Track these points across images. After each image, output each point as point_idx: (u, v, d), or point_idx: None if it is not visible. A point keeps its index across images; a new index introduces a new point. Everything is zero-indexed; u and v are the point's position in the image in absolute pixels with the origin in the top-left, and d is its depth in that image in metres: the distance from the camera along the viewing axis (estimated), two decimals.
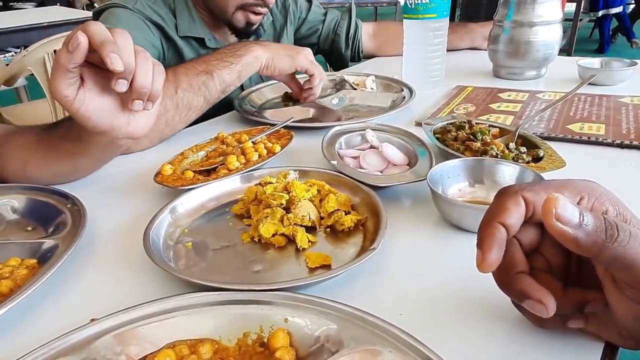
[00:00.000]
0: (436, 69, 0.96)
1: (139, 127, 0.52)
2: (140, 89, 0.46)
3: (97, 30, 0.44)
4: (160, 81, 0.49)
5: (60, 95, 0.45)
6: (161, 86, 0.49)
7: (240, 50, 0.79)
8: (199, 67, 0.76)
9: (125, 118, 0.50)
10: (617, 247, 0.25)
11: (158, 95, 0.49)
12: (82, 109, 0.47)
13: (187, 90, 0.74)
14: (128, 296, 0.41)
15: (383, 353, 0.31)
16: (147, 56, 0.47)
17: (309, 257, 0.45)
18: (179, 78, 0.74)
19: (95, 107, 0.47)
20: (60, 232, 0.49)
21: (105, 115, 0.48)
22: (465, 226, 0.49)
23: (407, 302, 0.40)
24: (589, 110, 0.78)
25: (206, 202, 0.56)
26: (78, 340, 0.34)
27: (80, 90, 0.46)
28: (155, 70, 0.48)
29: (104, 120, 0.48)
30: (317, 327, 0.35)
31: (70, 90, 0.46)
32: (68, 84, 0.45)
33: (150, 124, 0.53)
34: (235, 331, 0.36)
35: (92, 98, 0.47)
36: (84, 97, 0.46)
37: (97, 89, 0.47)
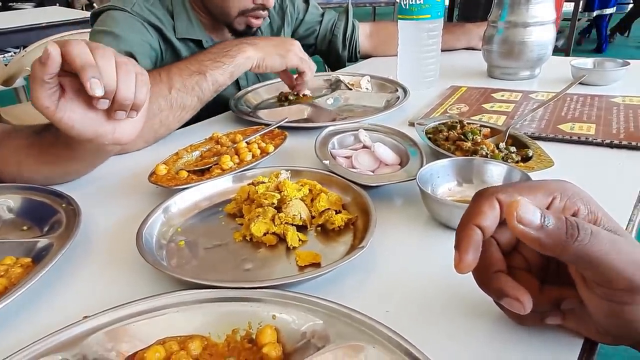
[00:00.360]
0: (430, 69, 0.96)
1: (125, 133, 0.52)
2: (123, 101, 0.47)
3: (78, 52, 0.44)
4: (144, 91, 0.49)
5: (41, 106, 0.46)
6: (145, 96, 0.50)
7: (233, 50, 0.80)
8: (192, 67, 0.77)
9: (110, 125, 0.50)
10: (577, 246, 0.26)
11: (141, 104, 0.50)
12: (65, 119, 0.47)
13: (181, 90, 0.75)
14: (121, 294, 0.42)
15: (366, 349, 0.32)
16: (128, 69, 0.48)
17: (299, 255, 0.46)
18: (172, 78, 0.75)
19: (78, 116, 0.48)
20: (55, 231, 0.49)
21: (89, 123, 0.49)
22: (454, 225, 0.49)
23: (394, 299, 0.41)
24: (580, 110, 0.79)
25: (199, 202, 0.57)
26: (70, 336, 0.35)
27: (61, 100, 0.47)
28: (139, 80, 0.49)
29: (88, 129, 0.49)
30: (303, 323, 0.36)
31: (51, 101, 0.46)
32: (47, 95, 0.45)
33: (137, 130, 0.54)
34: (225, 328, 0.37)
35: (74, 107, 0.47)
36: (65, 106, 0.47)
37: (78, 99, 0.48)
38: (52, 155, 0.59)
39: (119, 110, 0.48)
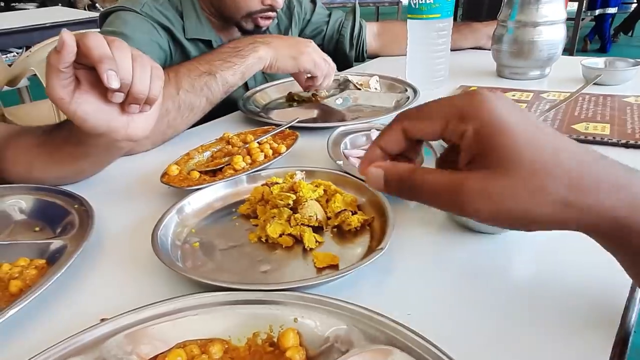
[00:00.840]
0: (440, 69, 0.96)
1: (137, 128, 0.52)
2: (137, 95, 0.47)
3: (96, 44, 0.44)
4: (158, 85, 0.49)
5: (56, 97, 0.45)
6: (159, 90, 0.49)
7: (244, 50, 0.79)
8: (201, 67, 0.76)
9: (123, 120, 0.50)
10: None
11: (155, 98, 0.49)
12: (79, 111, 0.47)
13: (189, 91, 0.74)
14: (137, 296, 0.42)
15: (394, 353, 0.31)
16: (144, 62, 0.47)
17: (316, 257, 0.46)
18: (180, 79, 0.74)
19: (92, 109, 0.47)
20: (68, 232, 0.49)
21: (103, 116, 0.48)
22: (472, 226, 0.49)
23: (415, 301, 0.40)
24: (593, 110, 0.78)
25: (213, 203, 0.56)
26: (90, 339, 0.34)
27: (76, 92, 0.46)
28: (153, 74, 0.48)
29: (101, 122, 0.48)
30: (326, 327, 0.35)
31: (66, 92, 0.45)
32: (62, 86, 0.45)
33: (149, 126, 0.53)
34: (245, 331, 0.36)
35: (89, 100, 0.47)
36: (80, 99, 0.46)
37: (93, 91, 0.47)
38: (64, 154, 0.59)
39: (133, 103, 0.48)
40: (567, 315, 0.38)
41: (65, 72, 0.44)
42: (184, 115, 0.75)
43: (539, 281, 0.42)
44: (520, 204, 0.28)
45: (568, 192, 0.28)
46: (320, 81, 0.86)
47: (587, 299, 0.39)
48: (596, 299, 0.39)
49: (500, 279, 0.43)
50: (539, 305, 0.39)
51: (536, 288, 0.41)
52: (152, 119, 0.53)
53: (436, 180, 0.31)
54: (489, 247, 0.47)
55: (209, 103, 0.77)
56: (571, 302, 0.39)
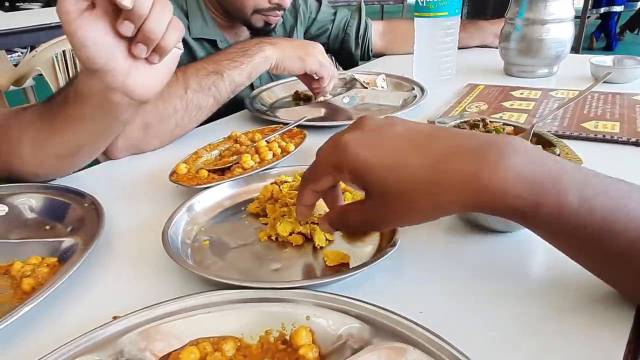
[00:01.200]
0: (447, 67, 0.95)
1: (139, 83, 0.47)
2: (148, 33, 0.43)
3: None
4: (174, 36, 0.46)
5: (63, 8, 0.42)
6: (174, 41, 0.46)
7: (251, 49, 0.79)
8: (209, 67, 0.76)
9: (125, 65, 0.46)
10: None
11: (167, 48, 0.46)
12: (79, 32, 0.43)
13: (197, 90, 0.74)
14: (148, 294, 0.42)
15: (408, 351, 0.31)
16: (166, 5, 0.45)
17: (327, 255, 0.46)
18: (188, 78, 0.74)
19: (95, 36, 0.43)
20: (78, 230, 0.49)
21: (103, 49, 0.44)
22: (484, 223, 0.49)
23: (427, 300, 0.40)
24: (602, 109, 0.77)
25: (222, 201, 0.56)
26: (103, 337, 0.34)
27: (85, 12, 0.43)
28: (172, 23, 0.45)
29: (100, 55, 0.44)
30: (339, 325, 0.35)
31: (75, 7, 0.42)
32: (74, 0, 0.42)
33: (153, 88, 0.49)
34: (257, 329, 0.36)
35: (96, 25, 0.43)
36: (87, 20, 0.43)
37: (104, 19, 0.43)
38: (62, 117, 0.54)
39: (141, 42, 0.44)
40: (581, 314, 0.37)
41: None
42: (192, 115, 0.75)
43: (552, 279, 0.42)
44: (407, 217, 0.37)
45: (431, 197, 0.35)
46: (326, 82, 0.86)
47: (601, 297, 0.39)
48: (610, 296, 0.38)
49: (513, 277, 0.43)
50: (552, 303, 0.39)
51: (549, 286, 0.41)
52: (156, 79, 0.49)
53: (354, 219, 0.40)
54: (501, 245, 0.47)
55: (216, 102, 0.77)
56: (585, 300, 0.39)
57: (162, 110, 0.72)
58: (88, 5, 0.43)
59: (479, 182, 0.33)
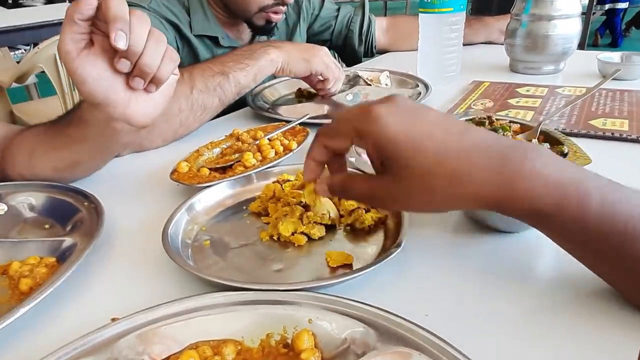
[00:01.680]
0: (452, 64, 0.94)
1: (138, 112, 0.49)
2: (143, 67, 0.45)
3: (115, 5, 0.43)
4: (169, 67, 0.47)
5: (63, 49, 0.44)
6: (169, 71, 0.48)
7: (257, 52, 0.78)
8: (214, 68, 0.75)
9: (125, 96, 0.48)
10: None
11: (163, 79, 0.48)
12: (80, 69, 0.45)
13: (203, 91, 0.74)
14: (148, 295, 0.41)
15: (413, 356, 0.30)
16: (160, 39, 0.46)
17: (330, 256, 0.45)
18: (194, 79, 0.73)
19: (94, 73, 0.45)
20: (78, 230, 0.48)
21: (104, 84, 0.46)
22: (491, 223, 0.47)
23: (432, 302, 0.39)
24: (610, 106, 0.76)
25: (223, 200, 0.56)
26: (101, 340, 0.33)
27: (84, 51, 0.45)
28: (167, 54, 0.47)
29: (100, 90, 0.46)
30: (342, 329, 0.34)
31: (74, 47, 0.44)
32: (73, 40, 0.44)
33: (151, 114, 0.51)
34: (258, 332, 0.35)
35: (95, 63, 0.45)
36: (86, 58, 0.45)
37: (103, 57, 0.46)
38: (63, 137, 0.57)
39: (138, 76, 0.46)
40: (591, 316, 0.36)
41: (80, 26, 0.43)
42: (197, 115, 0.75)
43: (561, 280, 0.41)
44: (420, 201, 0.36)
45: (451, 187, 0.34)
46: (331, 84, 0.86)
47: (612, 299, 0.38)
48: (622, 298, 0.37)
49: (521, 278, 0.42)
50: (562, 306, 0.38)
51: (557, 288, 0.40)
52: (155, 107, 0.51)
53: (359, 189, 0.39)
54: (507, 246, 0.46)
55: (221, 103, 0.76)
56: (595, 301, 0.38)
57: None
58: (87, 44, 0.45)
59: (504, 179, 0.33)
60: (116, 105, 0.48)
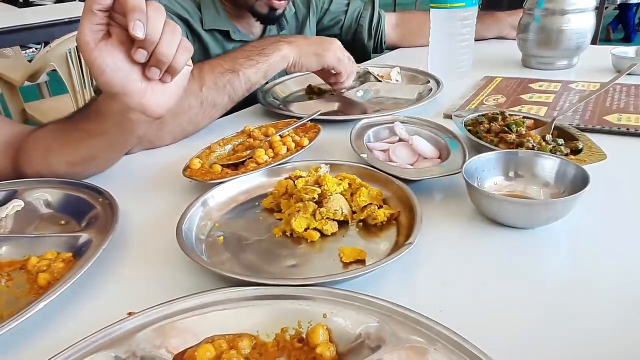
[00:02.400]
0: (464, 60, 0.93)
1: (154, 103, 0.50)
2: (160, 56, 0.46)
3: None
4: (184, 57, 0.49)
5: (83, 40, 0.45)
6: (184, 61, 0.49)
7: (268, 49, 0.78)
8: (225, 65, 0.75)
9: (141, 87, 0.49)
10: None
11: (179, 69, 0.49)
12: (99, 60, 0.46)
13: (212, 88, 0.74)
14: (163, 290, 0.41)
15: (429, 352, 0.30)
16: (175, 30, 0.47)
17: (343, 252, 0.45)
18: (204, 76, 0.73)
19: (112, 63, 0.47)
20: (93, 226, 0.49)
21: (121, 75, 0.47)
22: (503, 220, 0.47)
23: (447, 298, 0.39)
24: (626, 101, 0.75)
25: (236, 196, 0.56)
26: (119, 333, 0.34)
27: (102, 42, 0.46)
28: (182, 45, 0.48)
29: (117, 80, 0.47)
30: (357, 324, 0.34)
31: (92, 38, 0.45)
32: (91, 31, 0.45)
33: (167, 104, 0.52)
34: (273, 326, 0.36)
35: (113, 53, 0.47)
36: (104, 49, 0.46)
37: (120, 48, 0.47)
38: (79, 131, 0.58)
39: (154, 66, 0.47)
40: (607, 312, 0.36)
41: (98, 16, 0.45)
42: (206, 112, 0.75)
43: (575, 277, 0.41)
44: None
45: None
46: (344, 78, 0.85)
47: (629, 296, 0.37)
48: (636, 295, 0.37)
49: (536, 275, 0.41)
50: (576, 302, 0.38)
51: (574, 284, 0.40)
52: (170, 97, 0.52)
53: None
54: (520, 242, 0.46)
55: (231, 101, 0.76)
56: (610, 298, 0.38)
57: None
58: (104, 35, 0.46)
59: None
60: (133, 95, 0.49)
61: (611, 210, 0.50)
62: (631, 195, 0.53)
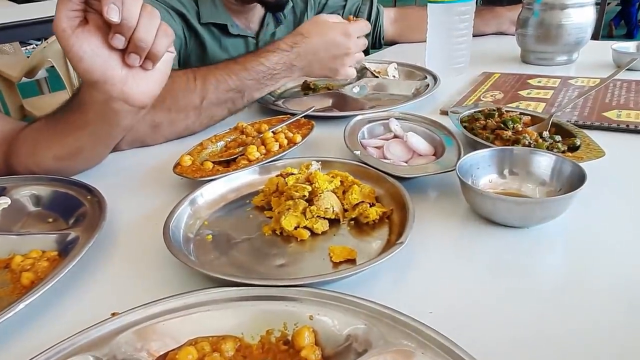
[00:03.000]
0: (461, 55, 0.92)
1: (137, 90, 0.49)
2: (138, 42, 0.45)
3: None
4: (164, 42, 0.47)
5: (59, 27, 0.44)
6: (164, 47, 0.48)
7: (280, 74, 0.74)
8: (231, 82, 0.71)
9: (121, 73, 0.48)
10: None
11: (159, 55, 0.48)
12: (76, 47, 0.45)
13: (214, 103, 0.72)
14: (149, 290, 0.40)
15: (415, 355, 0.30)
16: (153, 14, 0.46)
17: (333, 251, 0.44)
18: (207, 89, 0.71)
19: (90, 50, 0.46)
20: (80, 224, 0.48)
21: (100, 61, 0.46)
22: (497, 219, 0.46)
23: (437, 299, 0.38)
24: (625, 97, 0.74)
25: (226, 194, 0.55)
26: (99, 335, 0.33)
27: (79, 28, 0.45)
28: (162, 29, 0.47)
29: (97, 67, 0.46)
30: (344, 326, 0.33)
31: (68, 25, 0.45)
32: (67, 17, 0.44)
33: (150, 92, 0.51)
34: (258, 328, 0.35)
35: (90, 40, 0.46)
36: (81, 36, 0.45)
37: (97, 34, 0.46)
38: (65, 124, 0.57)
39: (133, 52, 0.46)
40: (603, 313, 0.35)
41: (73, 3, 0.44)
42: (203, 122, 0.74)
43: (571, 277, 0.40)
44: None
45: None
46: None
47: (622, 296, 0.36)
48: (632, 296, 0.36)
49: (529, 275, 0.40)
50: (570, 303, 0.37)
51: (567, 285, 0.39)
52: (153, 84, 0.51)
53: None
54: (514, 241, 0.45)
55: (229, 113, 0.75)
56: (607, 299, 0.37)
57: (174, 115, 0.71)
58: (81, 21, 0.45)
59: None
60: (114, 82, 0.48)
61: (609, 209, 0.49)
62: (629, 193, 0.51)
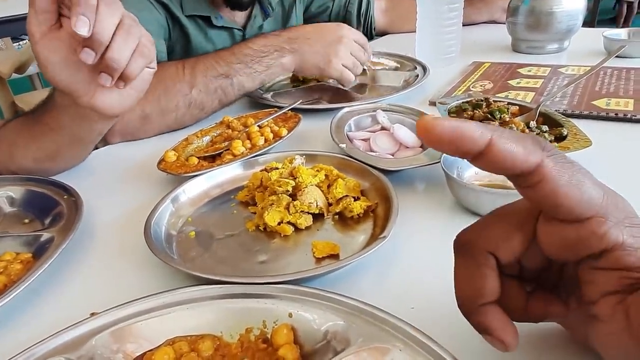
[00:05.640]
0: (451, 45, 0.91)
1: (108, 104, 0.46)
2: (110, 62, 0.42)
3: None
4: (139, 64, 0.44)
5: (28, 29, 0.42)
6: (138, 69, 0.44)
7: (269, 56, 0.73)
8: (219, 68, 0.71)
9: (89, 87, 0.45)
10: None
11: (132, 77, 0.44)
12: (42, 55, 0.43)
13: (203, 91, 0.71)
14: (128, 290, 0.40)
15: (392, 351, 0.29)
16: (132, 31, 0.43)
17: (315, 246, 0.43)
18: (196, 77, 0.70)
19: (58, 58, 0.43)
20: (56, 224, 0.47)
21: (67, 71, 0.44)
22: (482, 212, 0.46)
23: (420, 294, 0.38)
24: (615, 85, 0.73)
25: (210, 190, 0.54)
26: (74, 337, 0.32)
27: (50, 34, 0.42)
28: (139, 49, 0.44)
29: (63, 77, 0.44)
30: (323, 323, 0.33)
31: (38, 30, 0.42)
32: (37, 21, 0.42)
33: (123, 106, 0.48)
34: (237, 326, 0.34)
35: (60, 47, 0.43)
36: (51, 42, 0.42)
37: (68, 43, 0.43)
38: (41, 125, 0.55)
39: (104, 72, 0.43)
40: None
41: (44, 6, 0.41)
42: (194, 114, 0.72)
43: None
44: None
45: None
46: (347, 87, 0.83)
47: None
48: None
49: None
50: None
51: None
52: (125, 99, 0.48)
53: None
54: None
55: (220, 105, 0.74)
56: None
57: (163, 105, 0.69)
58: (53, 26, 0.42)
59: None
60: (79, 95, 0.45)
61: None
62: (617, 183, 0.50)
